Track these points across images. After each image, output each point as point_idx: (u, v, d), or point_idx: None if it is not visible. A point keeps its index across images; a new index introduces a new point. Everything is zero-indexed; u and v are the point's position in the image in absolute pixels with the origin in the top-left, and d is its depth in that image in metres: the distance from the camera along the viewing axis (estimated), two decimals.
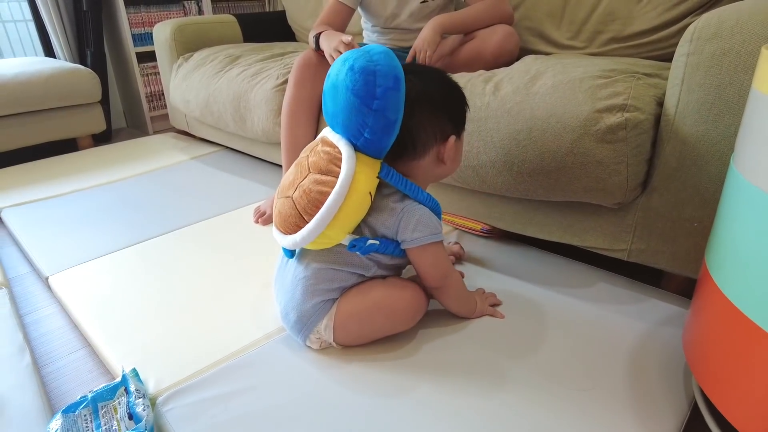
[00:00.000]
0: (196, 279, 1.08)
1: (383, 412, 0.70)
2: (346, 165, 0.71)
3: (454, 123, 0.79)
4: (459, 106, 0.80)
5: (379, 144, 0.72)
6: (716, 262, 0.62)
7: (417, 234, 0.76)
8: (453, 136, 0.78)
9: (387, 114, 0.69)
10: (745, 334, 0.56)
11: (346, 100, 0.70)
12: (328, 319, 0.79)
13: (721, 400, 0.61)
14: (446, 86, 0.79)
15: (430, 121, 0.76)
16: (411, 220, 0.76)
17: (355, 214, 0.74)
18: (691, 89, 0.77)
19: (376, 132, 0.70)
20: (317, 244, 0.75)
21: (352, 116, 0.71)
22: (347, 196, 0.70)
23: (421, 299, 0.82)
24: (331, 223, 0.71)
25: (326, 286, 0.79)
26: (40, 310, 1.05)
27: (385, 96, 0.68)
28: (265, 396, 0.74)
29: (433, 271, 0.80)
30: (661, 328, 0.86)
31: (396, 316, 0.80)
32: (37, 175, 1.79)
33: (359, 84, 0.68)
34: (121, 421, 0.69)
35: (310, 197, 0.72)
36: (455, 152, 0.80)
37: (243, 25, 2.14)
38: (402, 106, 0.70)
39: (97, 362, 0.89)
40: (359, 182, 0.71)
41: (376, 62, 0.69)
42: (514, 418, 0.69)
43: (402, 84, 0.70)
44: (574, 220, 0.98)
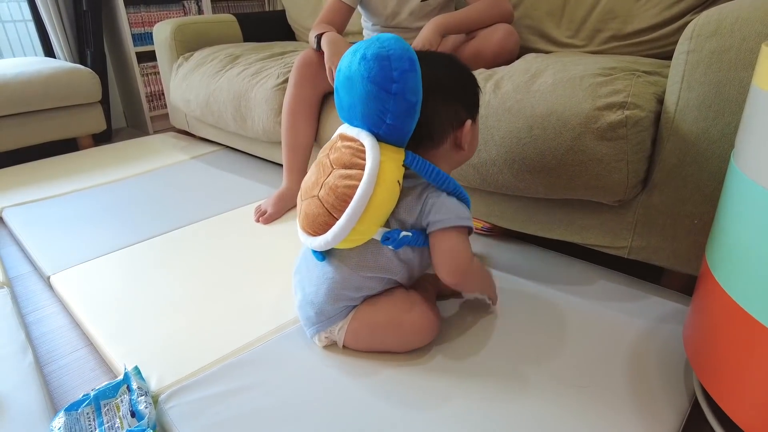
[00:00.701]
0: (197, 277, 1.08)
1: (387, 410, 0.71)
2: (371, 155, 0.69)
3: (467, 107, 0.78)
4: (471, 90, 0.79)
5: (402, 129, 0.71)
6: (717, 258, 0.62)
7: (441, 216, 0.73)
8: (469, 120, 0.77)
9: (407, 96, 0.68)
10: (746, 330, 0.56)
11: (363, 89, 0.69)
12: (344, 322, 0.79)
13: (721, 395, 0.61)
14: (457, 71, 0.78)
15: (444, 107, 0.75)
16: (437, 203, 0.73)
17: (385, 205, 0.71)
18: (692, 87, 0.78)
19: (398, 116, 0.69)
20: (349, 242, 0.73)
21: (371, 104, 0.69)
22: (376, 187, 0.68)
23: (435, 324, 0.81)
24: (362, 217, 0.69)
25: (352, 294, 0.78)
26: (41, 310, 1.06)
27: (403, 78, 0.67)
28: (267, 393, 0.74)
29: (449, 260, 0.75)
30: (662, 324, 0.86)
31: (406, 337, 0.80)
32: (38, 174, 1.79)
33: (375, 70, 0.67)
34: (124, 418, 0.70)
35: (337, 193, 0.70)
36: (472, 136, 0.79)
37: (243, 25, 2.15)
38: (420, 87, 0.69)
39: (99, 361, 0.89)
40: (387, 171, 0.70)
41: (388, 48, 0.68)
42: (514, 414, 0.69)
43: (417, 65, 0.69)
44: (574, 218, 0.99)
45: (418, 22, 1.32)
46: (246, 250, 1.19)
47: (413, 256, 0.78)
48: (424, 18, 1.30)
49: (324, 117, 1.35)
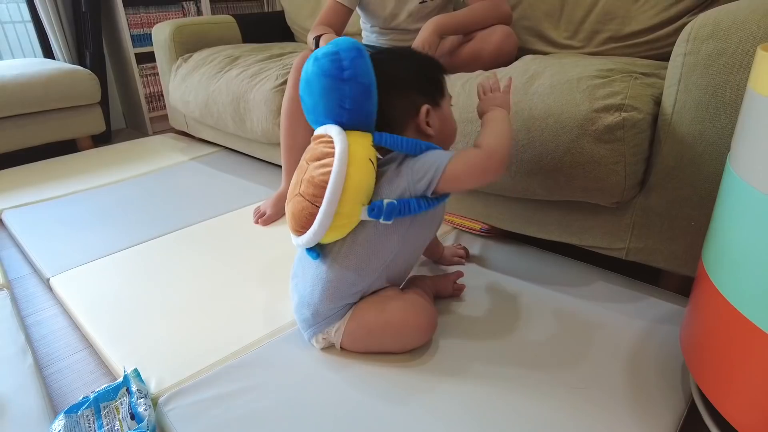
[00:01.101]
0: (196, 279, 1.08)
1: (386, 411, 0.71)
2: (339, 140, 0.72)
3: (424, 94, 0.80)
4: (429, 77, 0.82)
5: (363, 111, 0.74)
6: (713, 260, 0.63)
7: (431, 170, 0.73)
8: (426, 105, 0.79)
9: (360, 79, 0.73)
10: (742, 332, 0.56)
11: (319, 85, 0.74)
12: (341, 323, 0.79)
13: (718, 397, 0.61)
14: (411, 61, 0.82)
15: (398, 98, 0.78)
16: (419, 168, 0.74)
17: (362, 183, 0.73)
18: (688, 89, 0.78)
19: (355, 99, 0.73)
20: (337, 228, 0.74)
21: (329, 96, 0.74)
22: (349, 167, 0.71)
23: (432, 323, 0.81)
24: (342, 199, 0.71)
25: (347, 290, 0.78)
26: (41, 312, 1.06)
27: (353, 64, 0.72)
28: (266, 395, 0.74)
29: (477, 175, 0.75)
30: (659, 326, 0.86)
31: (404, 338, 0.80)
32: (38, 176, 1.79)
33: (326, 65, 0.73)
34: (124, 421, 0.70)
35: (315, 183, 0.72)
36: (439, 121, 0.81)
37: (242, 26, 2.15)
38: (372, 71, 0.74)
39: (99, 363, 0.89)
40: (356, 150, 0.72)
41: (336, 44, 0.74)
42: (511, 416, 0.69)
43: (365, 52, 0.74)
44: (572, 220, 0.99)
45: (416, 24, 1.32)
46: (245, 252, 1.19)
47: (405, 230, 0.77)
48: (422, 19, 1.30)
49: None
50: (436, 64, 0.84)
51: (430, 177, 0.73)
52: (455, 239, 1.17)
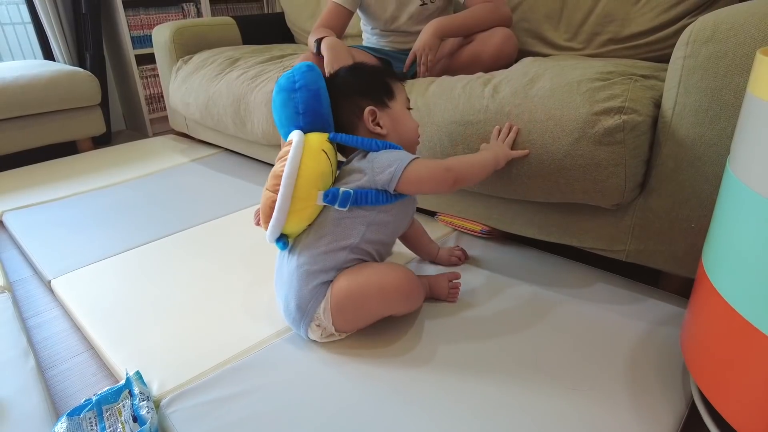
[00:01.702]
0: (198, 281, 1.08)
1: (387, 413, 0.71)
2: (295, 135, 0.81)
3: (368, 96, 0.88)
4: (372, 82, 0.89)
5: (315, 112, 0.83)
6: (712, 262, 0.63)
7: (390, 169, 0.80)
8: (369, 107, 0.86)
9: (309, 87, 0.83)
10: (742, 334, 0.56)
11: (279, 99, 0.85)
12: (325, 302, 0.80)
13: (718, 399, 0.62)
14: (358, 71, 0.91)
15: (344, 102, 0.88)
16: (379, 161, 0.81)
17: (315, 169, 0.79)
18: (688, 92, 0.78)
19: (307, 103, 0.83)
20: (296, 213, 0.79)
21: (287, 106, 0.84)
22: (303, 156, 0.79)
23: (411, 279, 0.84)
24: (297, 184, 0.77)
25: (319, 267, 0.81)
26: (42, 314, 1.06)
27: (303, 77, 0.83)
28: (269, 397, 0.75)
29: (433, 182, 0.83)
30: (659, 327, 0.86)
31: (387, 295, 0.81)
32: (38, 178, 1.80)
33: (282, 82, 0.85)
34: (126, 423, 0.70)
35: (275, 174, 0.80)
36: (390, 120, 0.88)
37: (242, 27, 2.15)
38: (320, 80, 0.85)
39: (101, 365, 0.89)
40: (310, 144, 0.80)
41: (294, 68, 0.85)
42: (512, 417, 0.69)
43: (315, 67, 0.85)
44: (572, 221, 0.99)
45: (417, 26, 1.32)
46: (246, 254, 1.19)
47: (370, 215, 0.83)
48: (423, 22, 1.30)
49: None
50: (386, 71, 0.92)
51: (392, 171, 0.80)
52: (455, 241, 1.17)
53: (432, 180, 0.82)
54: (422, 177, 0.81)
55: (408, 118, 0.91)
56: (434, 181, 0.83)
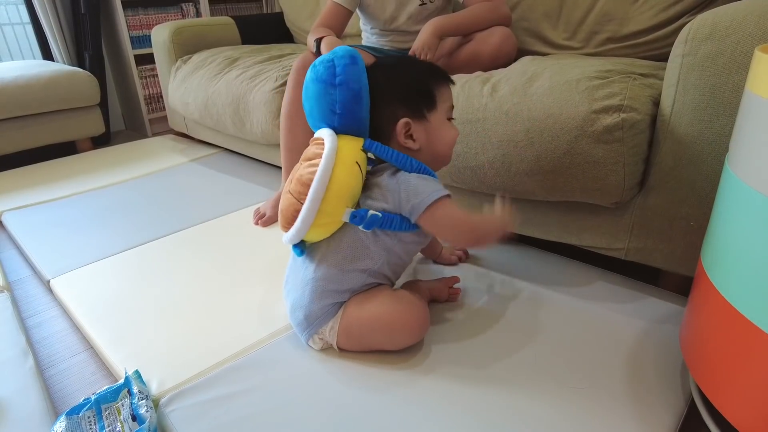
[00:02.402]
0: (197, 281, 1.08)
1: (386, 412, 0.71)
2: (328, 140, 0.75)
3: (407, 105, 0.79)
4: (415, 88, 0.80)
5: (353, 115, 0.76)
6: (711, 260, 0.63)
7: (417, 199, 0.75)
8: (404, 119, 0.78)
9: (350, 85, 0.75)
10: (741, 331, 0.56)
11: (314, 90, 0.77)
12: (333, 322, 0.80)
13: (717, 396, 0.62)
14: (404, 70, 0.81)
15: (383, 107, 0.79)
16: (407, 188, 0.76)
17: (347, 184, 0.74)
18: (687, 90, 0.78)
19: (345, 104, 0.75)
20: (320, 226, 0.75)
21: (322, 101, 0.76)
22: (335, 167, 0.73)
23: (423, 320, 0.81)
24: (325, 197, 0.72)
25: (335, 288, 0.79)
26: (41, 314, 1.06)
27: (345, 71, 0.74)
28: (268, 396, 0.75)
29: (457, 233, 0.79)
30: (659, 325, 0.86)
31: (395, 334, 0.80)
32: (37, 178, 1.79)
33: (321, 71, 0.76)
34: (125, 422, 0.70)
35: (302, 180, 0.74)
36: (426, 134, 0.80)
37: (241, 27, 2.15)
38: (363, 78, 0.76)
39: (100, 364, 0.89)
40: (344, 152, 0.74)
41: (334, 53, 0.76)
42: (512, 416, 0.69)
43: (359, 60, 0.76)
44: (572, 220, 0.99)
45: (416, 26, 1.32)
46: (245, 254, 1.19)
47: (391, 243, 0.79)
48: (422, 21, 1.30)
49: None
50: (434, 74, 0.81)
51: (417, 203, 0.75)
52: None
53: (453, 230, 0.78)
54: (445, 223, 0.77)
55: (445, 130, 0.82)
56: (455, 233, 0.79)
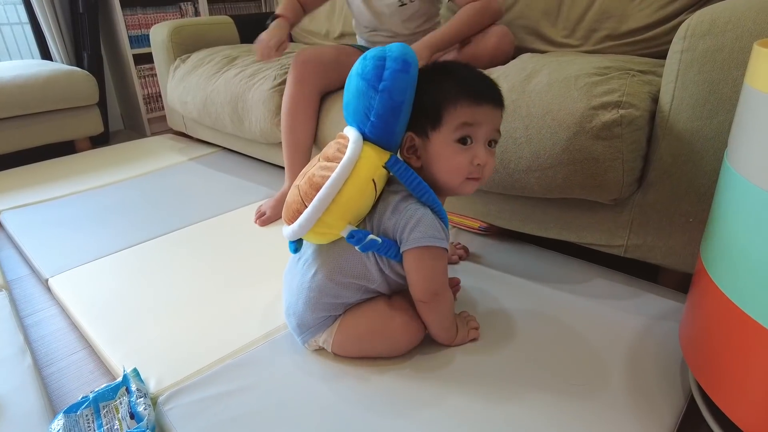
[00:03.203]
0: (194, 279, 1.08)
1: (383, 408, 0.71)
2: (351, 148, 0.69)
3: (416, 119, 0.72)
4: (429, 102, 0.71)
5: (386, 129, 0.70)
6: (711, 256, 0.63)
7: (416, 234, 0.70)
8: (409, 133, 0.73)
9: (393, 95, 0.68)
10: (740, 327, 0.56)
11: (355, 85, 0.71)
12: (327, 334, 0.79)
13: (717, 392, 0.62)
14: (441, 82, 0.72)
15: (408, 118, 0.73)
16: (412, 218, 0.71)
17: (355, 201, 0.70)
18: (685, 86, 0.78)
19: (381, 115, 0.69)
20: (317, 234, 0.72)
21: (359, 101, 0.71)
22: (348, 180, 0.68)
23: (419, 331, 0.79)
24: (329, 209, 0.68)
25: (329, 301, 0.77)
26: (40, 312, 1.06)
27: (393, 77, 0.68)
28: (265, 394, 0.74)
29: (425, 284, 0.74)
30: (658, 322, 0.86)
31: (393, 344, 0.79)
32: (36, 177, 1.79)
33: (369, 68, 0.69)
34: (123, 420, 0.70)
35: (312, 182, 0.70)
36: (428, 155, 0.73)
37: (240, 26, 2.15)
38: (410, 90, 0.69)
39: (98, 363, 0.89)
40: (362, 167, 0.69)
41: (389, 49, 0.70)
42: (510, 413, 0.69)
43: (412, 68, 0.68)
44: (571, 217, 0.99)
45: (404, 25, 1.32)
46: (243, 252, 1.19)
47: (386, 268, 0.75)
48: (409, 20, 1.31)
49: (323, 116, 1.36)
50: (457, 90, 0.70)
51: (415, 237, 0.70)
52: (454, 237, 1.17)
53: (426, 282, 0.74)
54: (426, 272, 0.73)
55: (447, 157, 0.72)
56: (425, 284, 0.74)
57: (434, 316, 0.78)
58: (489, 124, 0.72)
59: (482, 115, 0.71)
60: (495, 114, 0.73)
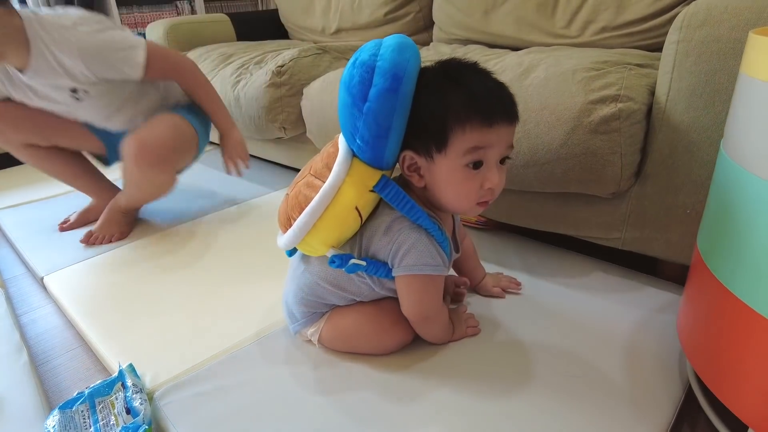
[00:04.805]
0: (189, 276, 1.08)
1: (380, 401, 0.71)
2: (334, 172, 0.64)
3: (414, 135, 0.64)
4: (423, 117, 0.62)
5: (375, 151, 0.62)
6: (708, 246, 0.63)
7: (408, 260, 0.67)
8: (407, 151, 0.65)
9: (378, 120, 0.59)
10: (738, 316, 0.56)
11: (341, 97, 0.64)
12: (315, 329, 0.79)
13: (715, 382, 0.62)
14: (431, 83, 0.63)
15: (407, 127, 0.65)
16: (404, 243, 0.66)
17: (335, 230, 0.67)
18: (682, 76, 0.78)
19: (366, 141, 0.61)
20: (305, 251, 0.73)
21: (346, 117, 0.63)
22: (328, 208, 0.65)
23: (407, 334, 0.78)
24: (311, 233, 0.67)
25: (316, 300, 0.77)
26: (35, 310, 1.05)
27: (378, 98, 0.59)
28: (260, 389, 0.74)
29: (416, 308, 0.72)
30: (656, 314, 0.86)
31: (380, 345, 0.78)
32: (29, 177, 1.79)
33: (354, 80, 0.60)
34: (119, 415, 0.69)
35: (298, 199, 0.68)
36: (430, 178, 0.66)
37: (236, 24, 2.14)
38: (400, 112, 0.60)
39: (94, 360, 0.89)
40: (344, 194, 0.64)
41: (379, 56, 0.59)
42: (510, 403, 0.69)
43: (404, 85, 0.59)
44: (568, 211, 0.99)
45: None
46: (238, 249, 1.18)
47: (377, 285, 0.73)
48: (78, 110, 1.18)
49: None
50: (467, 107, 0.61)
51: (408, 264, 0.67)
52: None
53: (416, 306, 0.72)
54: (416, 297, 0.71)
55: (455, 183, 0.65)
56: (418, 308, 0.72)
57: (425, 332, 0.78)
58: (502, 143, 0.64)
59: (494, 136, 0.62)
60: (509, 131, 0.64)
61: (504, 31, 1.42)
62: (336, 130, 1.28)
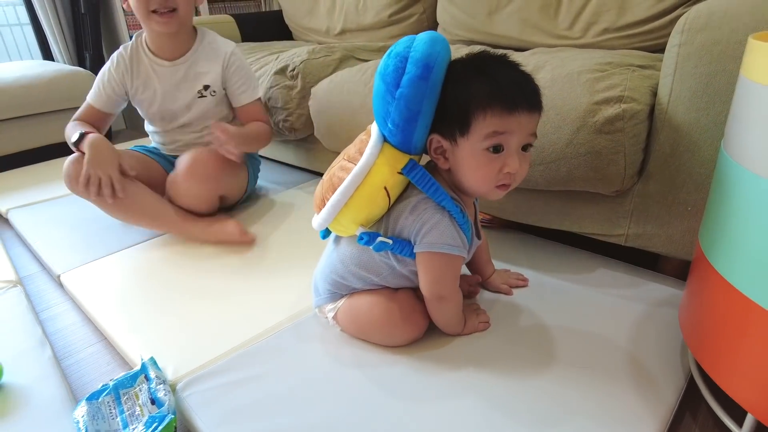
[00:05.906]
0: (207, 271, 1.10)
1: (395, 394, 0.73)
2: (366, 154, 0.69)
3: (440, 120, 0.69)
4: (457, 104, 0.67)
5: (403, 136, 0.68)
6: (709, 241, 0.65)
7: (430, 238, 0.71)
8: (434, 135, 0.70)
9: (409, 105, 0.64)
10: (739, 307, 0.59)
11: (376, 84, 0.69)
12: (333, 306, 0.84)
13: (717, 372, 0.64)
14: (458, 73, 0.68)
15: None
16: (428, 221, 0.71)
17: (364, 208, 0.72)
18: (683, 78, 0.81)
19: (397, 124, 0.66)
20: (336, 230, 0.79)
21: (379, 103, 0.69)
22: (359, 188, 0.70)
23: (419, 329, 0.81)
24: (342, 211, 0.72)
25: (339, 280, 0.82)
26: (53, 308, 1.08)
27: (410, 84, 0.64)
28: (281, 380, 0.77)
29: (432, 286, 0.75)
30: (659, 308, 0.89)
31: (391, 337, 0.81)
32: (41, 176, 1.80)
33: (389, 69, 0.66)
34: (144, 406, 0.72)
35: (333, 180, 0.73)
36: (454, 160, 0.71)
37: (241, 25, 2.16)
38: (429, 98, 0.65)
39: (115, 354, 0.91)
40: (375, 175, 0.69)
41: (413, 48, 0.65)
42: (516, 395, 0.72)
43: (434, 73, 0.64)
44: (572, 208, 1.01)
45: (198, 121, 1.32)
46: (257, 243, 1.21)
47: (398, 265, 0.77)
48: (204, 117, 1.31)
49: None
50: (489, 95, 0.65)
51: (430, 242, 0.71)
52: None
53: (436, 284, 0.75)
54: (437, 273, 0.74)
55: (476, 166, 0.69)
56: (436, 286, 0.75)
57: (439, 316, 0.81)
58: (523, 131, 0.67)
59: (515, 123, 0.66)
60: (530, 119, 0.67)
61: (507, 33, 1.45)
62: (343, 129, 1.31)
